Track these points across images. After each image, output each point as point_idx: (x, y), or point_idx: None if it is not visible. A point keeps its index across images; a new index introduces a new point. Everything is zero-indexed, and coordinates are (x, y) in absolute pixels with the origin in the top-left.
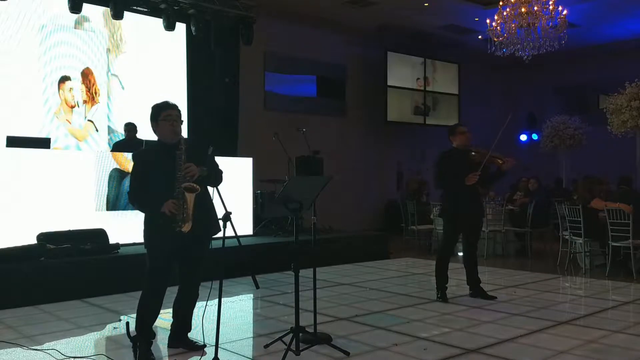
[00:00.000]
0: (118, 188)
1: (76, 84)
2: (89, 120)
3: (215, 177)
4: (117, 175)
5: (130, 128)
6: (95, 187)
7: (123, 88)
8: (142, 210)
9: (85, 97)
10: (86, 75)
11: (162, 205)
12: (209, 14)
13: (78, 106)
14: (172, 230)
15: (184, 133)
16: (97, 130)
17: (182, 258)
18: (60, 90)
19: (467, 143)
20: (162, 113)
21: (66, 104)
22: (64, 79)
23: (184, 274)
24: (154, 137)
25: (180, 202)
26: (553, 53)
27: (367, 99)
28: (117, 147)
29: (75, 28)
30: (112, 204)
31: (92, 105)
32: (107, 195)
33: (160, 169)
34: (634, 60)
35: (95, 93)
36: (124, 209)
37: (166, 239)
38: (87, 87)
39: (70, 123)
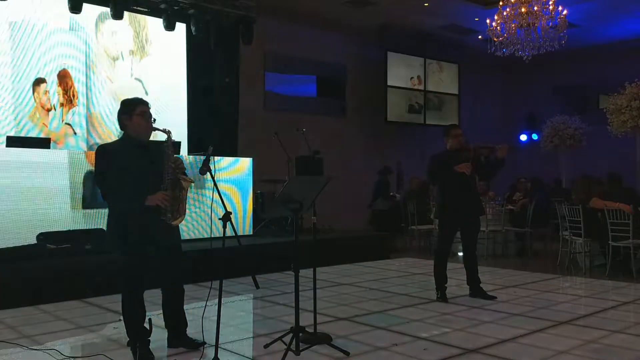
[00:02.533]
0: (93, 187)
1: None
2: (66, 123)
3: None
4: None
5: None
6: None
7: (147, 93)
8: (119, 205)
9: (62, 100)
10: (63, 77)
11: (146, 198)
12: (209, 14)
13: (55, 109)
14: (150, 228)
15: (184, 133)
16: (75, 133)
17: (161, 258)
18: (35, 93)
19: (460, 146)
20: (138, 108)
21: (42, 107)
22: (39, 82)
23: (166, 274)
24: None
25: (176, 192)
26: (553, 53)
27: (367, 99)
28: None
29: (98, 32)
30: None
31: (70, 108)
32: (83, 195)
33: (134, 164)
34: (634, 60)
35: (73, 96)
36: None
37: (146, 237)
38: (64, 89)
39: (47, 127)
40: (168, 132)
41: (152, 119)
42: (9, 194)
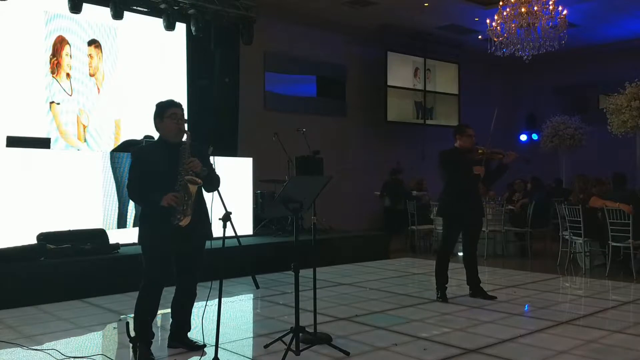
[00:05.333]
0: None
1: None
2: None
3: (212, 180)
4: None
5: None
6: (96, 187)
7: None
8: (143, 206)
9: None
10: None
11: (161, 200)
12: (209, 14)
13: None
14: (173, 229)
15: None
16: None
17: (179, 258)
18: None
19: (470, 146)
20: (168, 111)
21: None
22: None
23: (182, 274)
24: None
25: (182, 194)
26: (553, 53)
27: (367, 99)
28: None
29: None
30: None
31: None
32: None
33: (163, 166)
34: (634, 60)
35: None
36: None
37: (166, 238)
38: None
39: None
40: (188, 133)
41: (185, 120)
42: (8, 194)
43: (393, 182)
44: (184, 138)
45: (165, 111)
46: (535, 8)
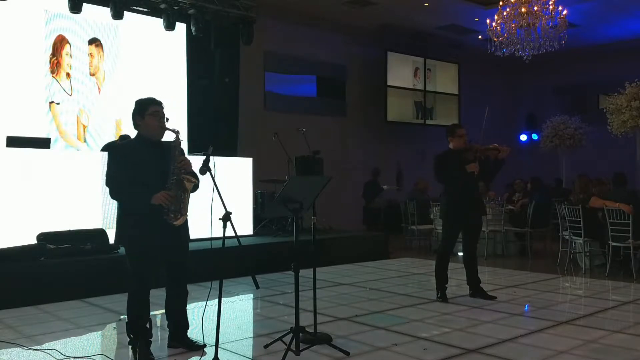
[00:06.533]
0: None
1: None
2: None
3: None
4: None
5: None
6: (95, 187)
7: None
8: (128, 205)
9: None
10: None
11: (151, 198)
12: (209, 14)
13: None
14: (158, 228)
15: (184, 134)
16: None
17: (170, 258)
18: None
19: (464, 146)
20: (150, 108)
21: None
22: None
23: (171, 274)
24: None
25: (179, 192)
26: (553, 53)
27: (367, 99)
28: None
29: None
30: None
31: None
32: None
33: (145, 164)
34: (634, 60)
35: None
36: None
37: (154, 237)
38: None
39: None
40: (177, 132)
41: (165, 119)
42: (8, 194)
43: (371, 182)
44: (168, 137)
45: (146, 109)
46: (535, 8)
